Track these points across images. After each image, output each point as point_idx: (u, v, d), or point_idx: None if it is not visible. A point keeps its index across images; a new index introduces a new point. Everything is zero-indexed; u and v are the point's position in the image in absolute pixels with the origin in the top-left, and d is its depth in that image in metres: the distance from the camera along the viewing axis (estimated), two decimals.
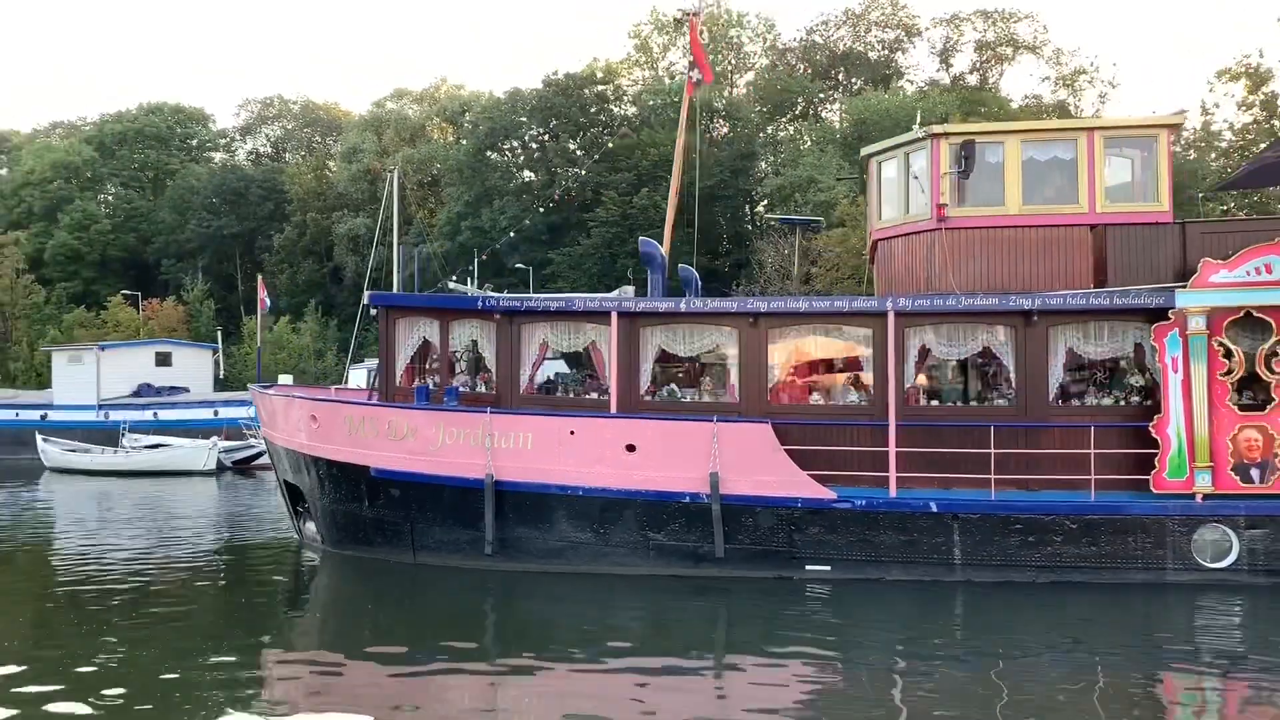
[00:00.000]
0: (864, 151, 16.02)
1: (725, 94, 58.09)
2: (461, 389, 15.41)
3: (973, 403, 14.25)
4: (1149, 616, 12.15)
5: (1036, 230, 14.03)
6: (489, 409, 14.54)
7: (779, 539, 13.63)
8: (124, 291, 67.78)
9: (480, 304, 15.13)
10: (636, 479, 13.81)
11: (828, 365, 14.75)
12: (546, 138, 59.15)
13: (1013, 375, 13.91)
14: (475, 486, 14.27)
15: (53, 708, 8.60)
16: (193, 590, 14.21)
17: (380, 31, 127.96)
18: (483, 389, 15.39)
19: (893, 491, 13.41)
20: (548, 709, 8.92)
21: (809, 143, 54.46)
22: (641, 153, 51.40)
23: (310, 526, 16.89)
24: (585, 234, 52.13)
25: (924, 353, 14.18)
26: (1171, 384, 13.00)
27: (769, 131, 59.01)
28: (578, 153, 57.54)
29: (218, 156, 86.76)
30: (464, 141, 65.12)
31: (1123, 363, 13.91)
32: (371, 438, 15.16)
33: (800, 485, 13.48)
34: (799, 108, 59.37)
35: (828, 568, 13.54)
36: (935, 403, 14.41)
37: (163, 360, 43.28)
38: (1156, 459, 13.01)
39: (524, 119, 59.44)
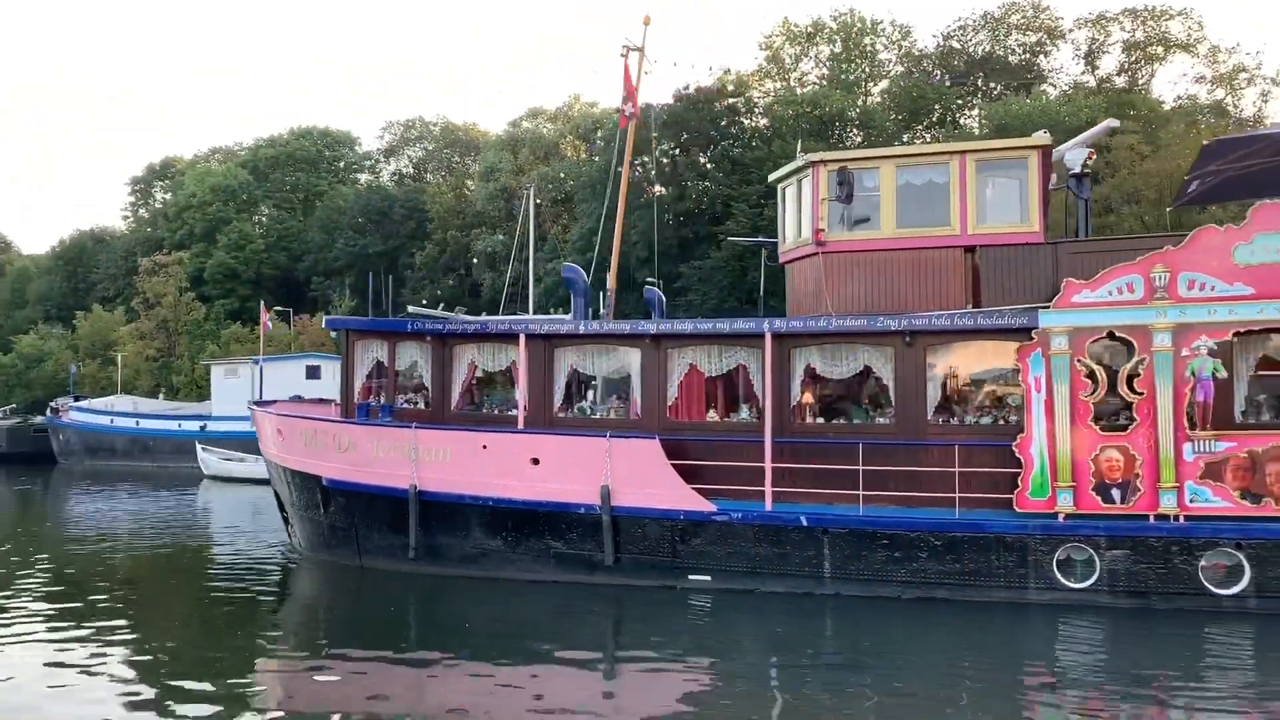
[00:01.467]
0: (770, 178, 16.52)
1: (859, 103, 56.84)
2: (406, 405, 16.74)
3: (856, 421, 14.61)
4: (1009, 634, 12.24)
5: (911, 253, 14.30)
6: (414, 424, 15.80)
7: (664, 549, 14.37)
8: (277, 308, 72.40)
9: (409, 327, 16.42)
10: (539, 490, 14.80)
11: (726, 383, 15.35)
12: (677, 152, 59.13)
13: (892, 394, 14.23)
14: (403, 496, 15.55)
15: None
16: (172, 589, 15.94)
17: (517, 52, 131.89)
18: (422, 405, 16.65)
19: (768, 506, 13.96)
20: (444, 703, 9.73)
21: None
22: (773, 164, 51.61)
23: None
24: (715, 246, 52.60)
25: (810, 372, 14.64)
26: (1035, 404, 13.11)
27: (904, 140, 58.18)
28: (708, 166, 57.94)
29: (363, 178, 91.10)
30: (596, 159, 66.41)
31: (1001, 381, 14.02)
32: (322, 450, 16.68)
33: (684, 498, 14.19)
34: (935, 115, 57.47)
35: (708, 578, 14.19)
36: (834, 420, 14.79)
37: (312, 373, 45.83)
38: (1019, 478, 13.13)
39: (655, 134, 60.12)
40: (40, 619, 13.02)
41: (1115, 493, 12.81)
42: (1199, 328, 12.58)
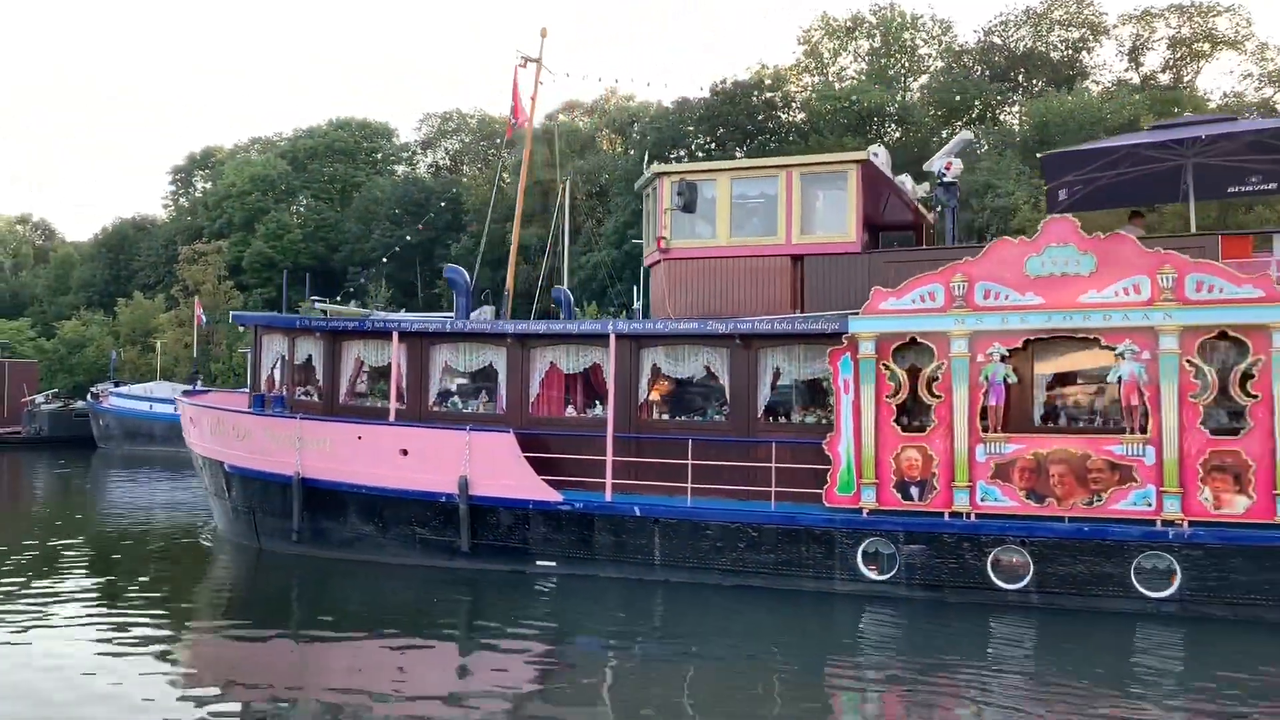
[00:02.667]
0: (635, 186, 17.33)
1: (898, 98, 56.74)
2: (304, 397, 17.88)
3: (696, 417, 15.43)
4: (816, 622, 12.88)
5: (744, 260, 15.08)
6: (300, 415, 16.93)
7: (515, 536, 15.33)
8: (314, 298, 73.96)
9: (297, 324, 17.54)
10: (406, 479, 15.84)
11: (584, 381, 16.23)
12: (713, 146, 59.77)
13: (727, 393, 15.04)
14: (289, 482, 16.70)
15: None
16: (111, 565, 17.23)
17: (556, 45, 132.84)
18: (315, 397, 17.77)
19: (608, 496, 14.85)
20: (307, 680, 10.54)
21: (986, 147, 52.62)
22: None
23: None
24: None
25: (655, 371, 15.49)
26: (844, 405, 13.83)
27: (943, 135, 57.49)
28: (741, 158, 58.33)
29: (400, 169, 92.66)
30: (631, 152, 66.73)
31: (825, 383, 14.73)
32: (225, 438, 17.91)
33: (534, 489, 15.13)
34: (975, 111, 57.41)
35: (554, 564, 15.13)
36: (680, 417, 15.60)
37: None
38: (829, 474, 13.87)
39: (691, 128, 60.26)
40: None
41: (914, 490, 13.50)
42: (993, 335, 13.22)
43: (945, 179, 17.07)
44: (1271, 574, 12.03)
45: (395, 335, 16.47)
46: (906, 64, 62.93)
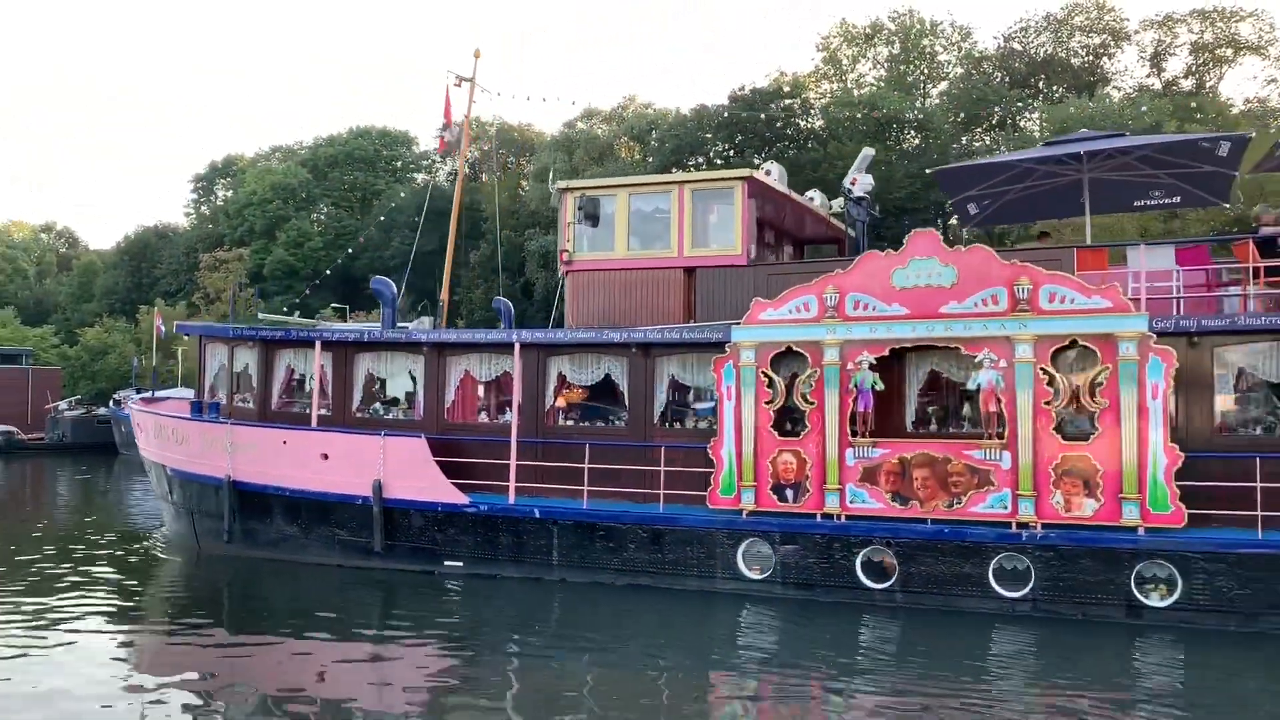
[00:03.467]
0: (550, 203, 17.97)
1: (917, 105, 56.58)
2: (241, 403, 18.68)
3: (600, 423, 16.04)
4: (698, 620, 13.38)
5: (640, 272, 15.69)
6: (230, 420, 17.73)
7: (425, 538, 16.01)
8: (334, 305, 74.73)
9: (231, 334, 18.34)
10: (327, 483, 16.56)
11: (496, 388, 16.88)
12: (732, 153, 58.65)
13: (626, 399, 15.65)
14: (221, 484, 17.49)
15: None
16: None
17: (573, 54, 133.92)
18: (250, 404, 18.55)
19: (511, 499, 15.50)
20: (223, 679, 10.96)
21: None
22: (829, 166, 51.65)
23: None
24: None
25: (561, 379, 16.12)
26: (727, 411, 14.39)
27: (963, 142, 56.29)
28: (761, 165, 57.83)
29: (419, 177, 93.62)
30: (650, 159, 66.78)
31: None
32: (166, 442, 18.75)
33: (443, 492, 15.80)
34: (995, 117, 56.94)
35: (461, 564, 15.79)
36: (586, 423, 16.21)
37: None
38: (712, 477, 14.44)
39: (709, 135, 59.07)
40: None
41: (789, 493, 14.04)
42: (862, 344, 13.74)
43: (854, 194, 17.60)
44: (1115, 574, 12.46)
45: (318, 344, 17.20)
46: (926, 70, 62.66)
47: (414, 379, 17.12)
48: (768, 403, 14.19)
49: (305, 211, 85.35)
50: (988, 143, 55.59)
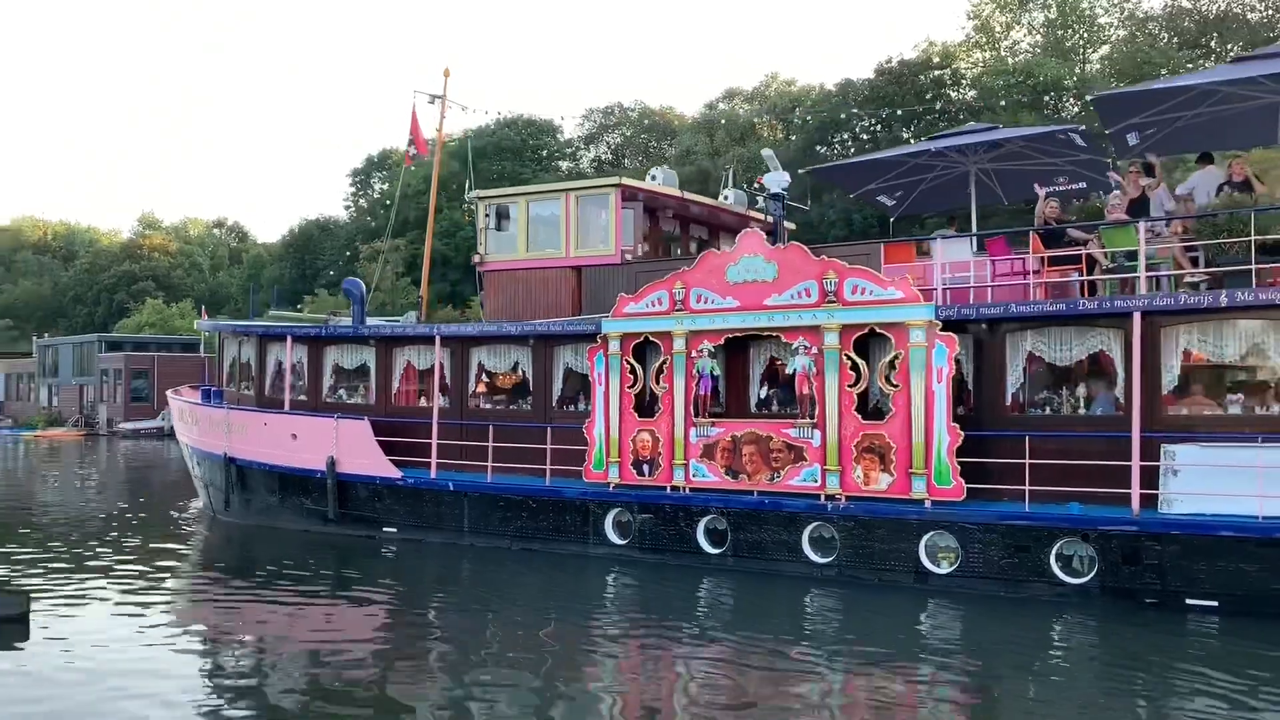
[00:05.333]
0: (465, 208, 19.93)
1: (1076, 71, 53.91)
2: (245, 391, 21.53)
3: (512, 406, 18.00)
4: (574, 580, 15.06)
5: (538, 271, 17.54)
6: (227, 405, 20.58)
7: (369, 507, 18.36)
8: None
9: (237, 330, 21.17)
10: (295, 459, 19.15)
11: (431, 376, 18.97)
12: (879, 128, 57.55)
13: (531, 384, 17.56)
14: (220, 460, 20.39)
15: None
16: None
17: (716, 32, 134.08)
18: (249, 391, 21.35)
19: (433, 474, 17.67)
20: (207, 622, 12.91)
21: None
22: None
23: None
24: (919, 225, 51.93)
25: (480, 367, 18.17)
26: (598, 395, 16.12)
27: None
28: (911, 141, 55.86)
29: (564, 165, 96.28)
30: (793, 137, 64.84)
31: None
32: (188, 425, 21.83)
33: (381, 467, 18.11)
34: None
35: (395, 530, 18.07)
36: (500, 406, 18.21)
37: None
38: (586, 454, 16.21)
39: (855, 110, 58.02)
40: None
41: (646, 467, 15.66)
42: (703, 334, 15.22)
43: (770, 191, 18.92)
44: (905, 543, 13.59)
45: (289, 339, 19.80)
46: (1085, 34, 59.76)
47: (368, 369, 19.45)
48: (630, 387, 15.82)
49: (456, 202, 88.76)
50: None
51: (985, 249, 15.05)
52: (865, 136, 58.17)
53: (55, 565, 16.13)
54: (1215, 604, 11.81)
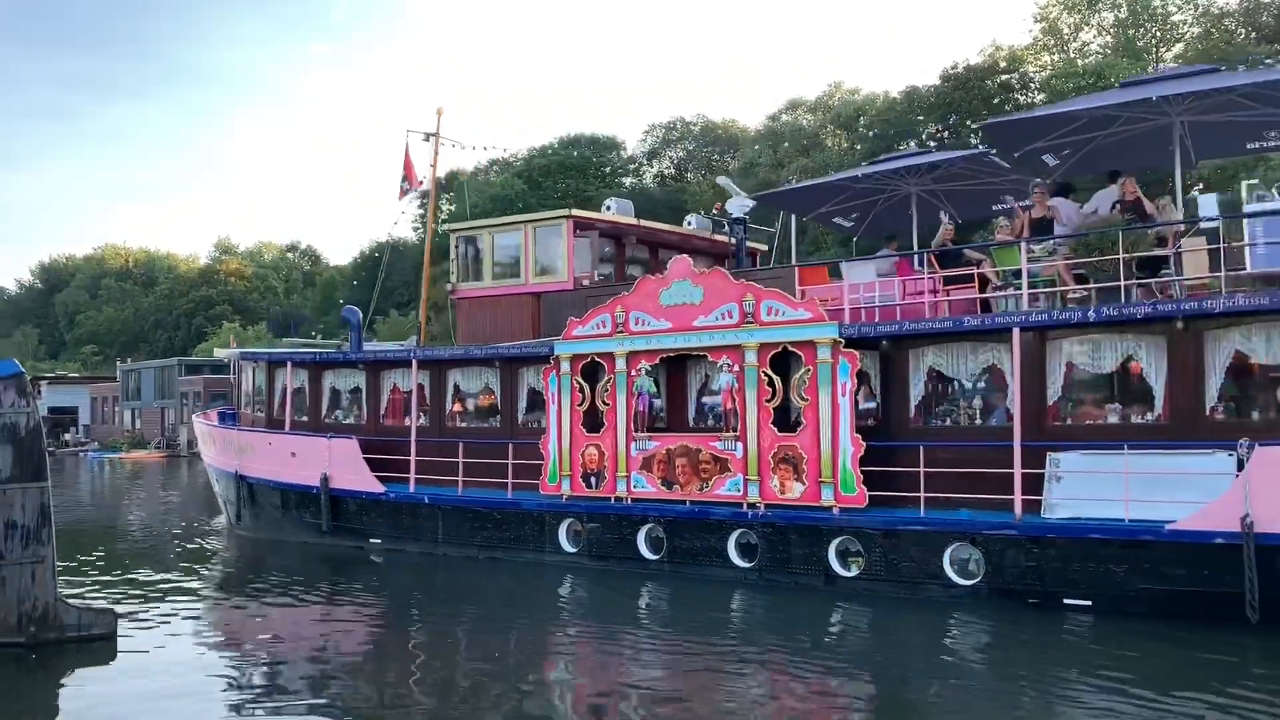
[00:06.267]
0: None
1: (1149, 71, 53.80)
2: (259, 413, 23.17)
3: (483, 424, 19.24)
4: (532, 586, 16.02)
5: (503, 298, 18.79)
6: (238, 427, 22.22)
7: (358, 519, 19.77)
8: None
9: (249, 358, 22.82)
10: (296, 476, 20.65)
11: (417, 396, 20.33)
12: (946, 134, 56.61)
13: (499, 403, 18.80)
14: (233, 477, 22.04)
15: None
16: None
17: (778, 43, 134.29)
18: (261, 414, 22.99)
19: (411, 488, 19.00)
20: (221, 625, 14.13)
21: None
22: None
23: None
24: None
25: (456, 388, 19.47)
26: (552, 412, 17.28)
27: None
28: (979, 146, 54.29)
29: (628, 181, 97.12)
30: (858, 147, 63.12)
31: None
32: (208, 445, 23.58)
33: (367, 482, 19.52)
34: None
35: (380, 541, 19.44)
36: (473, 424, 19.49)
37: None
38: (542, 468, 17.38)
39: (921, 117, 57.95)
40: None
41: (593, 480, 16.77)
42: (641, 354, 16.30)
43: (733, 216, 19.98)
44: (816, 548, 14.47)
45: (289, 365, 21.37)
46: (1159, 33, 58.28)
47: (360, 391, 20.90)
48: (579, 405, 16.95)
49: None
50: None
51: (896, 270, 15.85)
52: (933, 144, 57.43)
53: (98, 578, 17.31)
54: (1089, 603, 12.48)
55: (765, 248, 22.11)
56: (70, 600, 12.47)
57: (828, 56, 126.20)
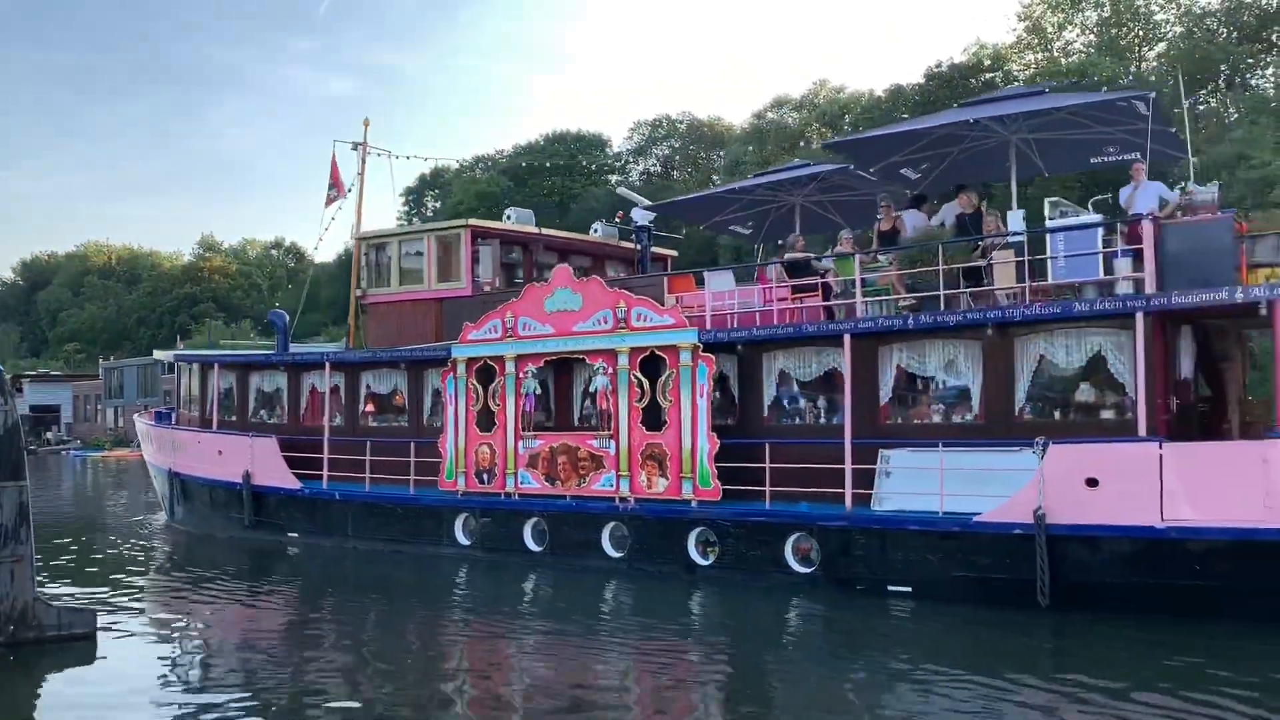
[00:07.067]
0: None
1: (1132, 69, 53.25)
2: (194, 413, 24.19)
3: (395, 423, 20.25)
4: (427, 577, 17.01)
5: (408, 304, 19.81)
6: (172, 426, 23.24)
7: (278, 514, 20.78)
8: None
9: (184, 360, 23.84)
10: (222, 473, 21.68)
11: (333, 397, 21.31)
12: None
13: (406, 403, 19.82)
14: (167, 474, 23.07)
15: None
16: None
17: (763, 41, 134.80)
18: (195, 413, 23.99)
19: (324, 484, 20.01)
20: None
21: (1235, 115, 48.62)
22: None
23: None
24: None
25: (368, 389, 20.48)
26: (449, 413, 18.28)
27: (1185, 106, 51.51)
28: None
29: (613, 179, 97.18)
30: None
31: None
32: (147, 443, 24.61)
33: (285, 479, 20.52)
34: (1222, 77, 52.90)
35: (296, 534, 20.45)
36: (384, 424, 20.50)
37: None
38: (440, 465, 18.40)
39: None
40: None
41: (485, 476, 17.78)
42: (528, 357, 17.31)
43: (636, 224, 20.99)
44: (677, 539, 15.49)
45: (216, 366, 22.39)
46: (1141, 32, 59.01)
47: (282, 392, 21.91)
48: (474, 405, 17.96)
49: (508, 219, 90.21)
50: (1213, 104, 52.56)
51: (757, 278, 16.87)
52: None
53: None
54: (909, 589, 13.50)
55: (675, 253, 23.12)
56: (49, 600, 12.37)
57: (828, 57, 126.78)
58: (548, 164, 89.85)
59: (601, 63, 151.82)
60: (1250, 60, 51.92)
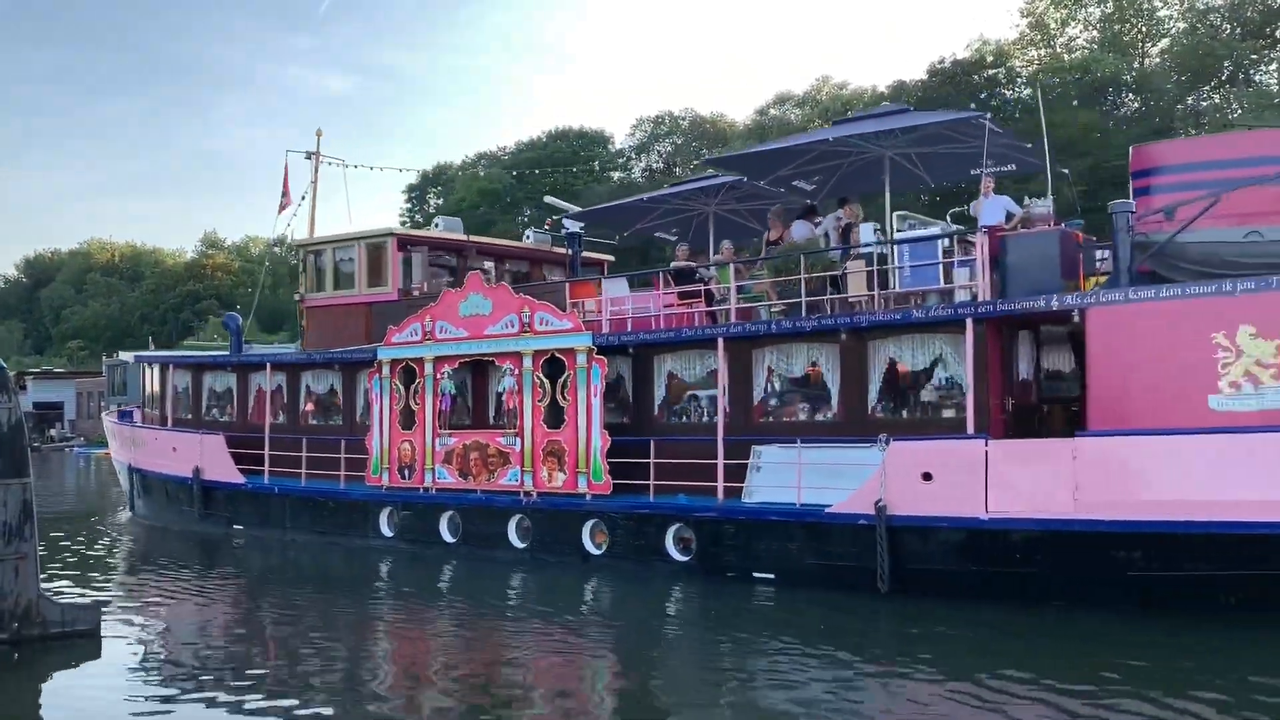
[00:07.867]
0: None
1: (1135, 66, 53.65)
2: (153, 411, 25.39)
3: (331, 422, 21.35)
4: (356, 567, 17.99)
5: (341, 307, 20.91)
6: (137, 424, 24.45)
7: (225, 507, 21.94)
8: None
9: (146, 360, 25.02)
10: (175, 468, 22.86)
11: (275, 396, 22.40)
12: None
13: (341, 403, 20.94)
14: (127, 469, 24.27)
15: None
16: None
17: (766, 37, 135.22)
18: (155, 411, 25.18)
19: (266, 479, 21.16)
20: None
21: (1240, 111, 47.69)
22: (1039, 136, 48.74)
23: None
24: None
25: (308, 389, 21.60)
26: (375, 411, 19.38)
27: (1188, 103, 51.64)
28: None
29: (616, 175, 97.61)
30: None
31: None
32: (114, 439, 25.84)
33: (231, 474, 21.68)
34: (1226, 73, 52.33)
35: (243, 526, 21.60)
36: (322, 421, 21.60)
37: None
38: (366, 462, 19.49)
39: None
40: None
41: (407, 472, 18.87)
42: (445, 359, 18.37)
43: (567, 230, 22.02)
44: (573, 531, 16.53)
45: (171, 367, 23.57)
46: (1144, 28, 58.46)
47: (231, 391, 23.07)
48: (397, 404, 19.04)
49: (510, 215, 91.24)
50: (1216, 101, 52.08)
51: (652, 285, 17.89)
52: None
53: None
54: (772, 576, 14.52)
55: (613, 258, 24.15)
56: (53, 596, 12.54)
57: (829, 56, 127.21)
58: (549, 163, 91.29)
59: (602, 62, 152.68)
60: (1254, 56, 51.40)
